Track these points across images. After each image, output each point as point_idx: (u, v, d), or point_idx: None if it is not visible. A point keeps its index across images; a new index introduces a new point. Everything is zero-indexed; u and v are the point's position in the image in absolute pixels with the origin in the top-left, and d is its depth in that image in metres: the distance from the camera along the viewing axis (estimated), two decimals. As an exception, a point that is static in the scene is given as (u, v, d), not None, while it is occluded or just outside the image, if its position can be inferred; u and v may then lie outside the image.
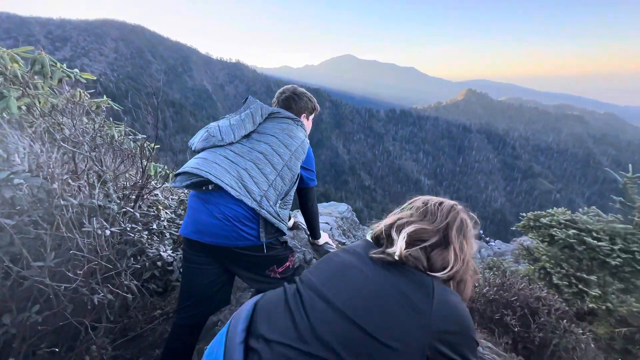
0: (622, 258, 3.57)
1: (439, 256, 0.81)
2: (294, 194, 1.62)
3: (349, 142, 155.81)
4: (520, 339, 2.67)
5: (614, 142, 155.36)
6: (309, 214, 1.88)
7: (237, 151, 1.47)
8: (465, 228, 0.87)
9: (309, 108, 1.86)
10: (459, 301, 0.78)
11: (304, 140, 1.64)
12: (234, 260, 1.43)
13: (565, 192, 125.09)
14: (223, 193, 1.34)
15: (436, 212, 0.87)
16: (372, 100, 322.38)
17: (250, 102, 1.68)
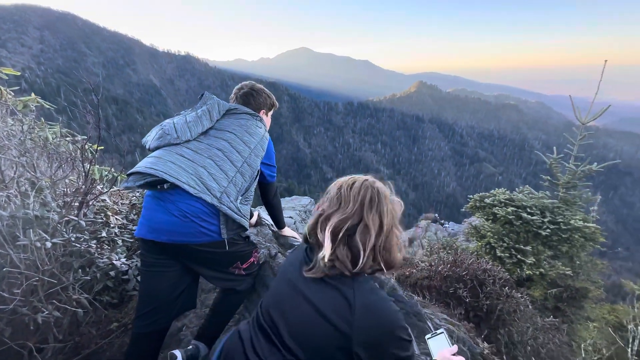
0: (551, 229, 4.11)
1: (360, 239, 0.85)
2: (255, 189, 1.62)
3: (310, 135, 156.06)
4: (471, 308, 2.96)
5: (543, 127, 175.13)
6: (271, 206, 1.89)
7: (194, 149, 1.43)
8: (376, 200, 0.89)
9: (268, 104, 1.84)
10: (381, 301, 0.83)
11: (263, 136, 1.62)
12: (195, 259, 1.39)
13: (506, 174, 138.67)
14: (180, 190, 1.30)
15: (348, 195, 0.89)
16: (330, 93, 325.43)
17: (207, 98, 1.63)
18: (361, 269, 0.85)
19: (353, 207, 0.87)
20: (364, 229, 0.86)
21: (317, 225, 0.89)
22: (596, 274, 4.71)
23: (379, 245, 0.87)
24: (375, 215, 0.88)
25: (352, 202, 0.88)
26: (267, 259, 1.92)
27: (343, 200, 0.89)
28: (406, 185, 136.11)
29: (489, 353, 2.17)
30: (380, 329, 0.79)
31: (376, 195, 0.90)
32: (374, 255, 0.87)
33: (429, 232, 20.28)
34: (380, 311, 0.81)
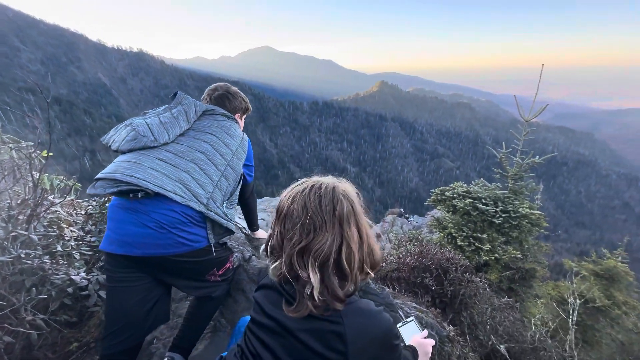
0: (503, 217, 4.51)
1: (346, 260, 0.76)
2: None
3: (276, 135, 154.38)
4: (437, 295, 3.16)
5: (493, 124, 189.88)
6: (246, 206, 1.87)
7: (175, 152, 1.34)
8: (352, 211, 0.79)
9: (243, 108, 1.81)
10: (371, 319, 0.77)
11: (243, 138, 1.60)
12: (170, 270, 1.32)
13: (463, 168, 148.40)
14: (154, 199, 1.22)
15: (322, 216, 0.76)
16: (294, 92, 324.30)
17: (182, 97, 1.54)
18: (353, 290, 0.78)
19: (332, 230, 0.76)
20: (347, 249, 0.76)
21: (292, 264, 0.76)
22: (542, 255, 5.26)
23: (364, 257, 0.80)
24: (354, 228, 0.78)
25: (330, 224, 0.76)
26: (241, 262, 1.90)
27: (317, 224, 0.76)
28: (372, 182, 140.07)
29: (454, 335, 2.35)
30: (375, 346, 0.77)
31: (351, 205, 0.80)
32: (361, 267, 0.80)
33: (395, 226, 21.10)
34: (372, 331, 0.76)
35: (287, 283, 0.78)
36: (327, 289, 0.74)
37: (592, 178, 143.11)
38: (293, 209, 0.78)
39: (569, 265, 6.47)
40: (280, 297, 0.80)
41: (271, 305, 0.82)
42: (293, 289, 0.77)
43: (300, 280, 0.75)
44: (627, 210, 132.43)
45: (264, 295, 0.86)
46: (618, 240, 6.19)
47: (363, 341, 0.75)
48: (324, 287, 0.74)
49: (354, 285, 0.78)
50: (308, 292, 0.73)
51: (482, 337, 3.08)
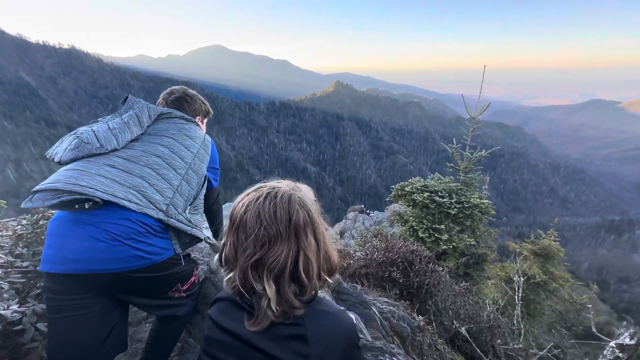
0: (457, 208, 4.85)
1: (303, 269, 0.75)
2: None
3: (232, 137, 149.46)
4: (404, 288, 3.29)
5: (440, 121, 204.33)
6: (212, 214, 1.75)
7: (126, 157, 1.21)
8: (309, 220, 0.77)
9: (204, 111, 1.70)
10: (332, 319, 0.78)
11: (204, 139, 1.49)
12: (127, 288, 1.17)
13: (416, 164, 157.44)
14: (104, 209, 1.10)
15: (277, 227, 0.73)
16: (249, 93, 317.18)
17: (133, 101, 1.40)
18: (313, 296, 0.77)
19: (288, 242, 0.74)
20: (304, 258, 0.75)
21: (247, 277, 0.74)
22: (491, 240, 5.78)
23: (321, 264, 0.79)
24: (311, 238, 0.76)
25: (285, 235, 0.73)
26: (207, 275, 1.77)
27: (272, 236, 0.73)
28: (333, 180, 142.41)
29: (424, 324, 2.45)
30: (339, 347, 0.76)
31: (308, 214, 0.77)
32: (319, 274, 0.78)
33: (357, 222, 21.64)
34: (335, 331, 0.77)
35: (243, 295, 0.76)
36: (283, 300, 0.73)
37: (524, 168, 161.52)
38: (246, 219, 0.75)
39: (512, 247, 7.19)
40: (237, 309, 0.78)
41: (227, 319, 0.78)
42: (251, 300, 0.75)
43: (257, 293, 0.74)
44: (553, 194, 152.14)
45: (219, 309, 0.83)
46: (548, 221, 7.00)
47: (326, 342, 0.74)
48: (280, 298, 0.73)
49: (313, 292, 0.77)
50: (265, 304, 0.72)
51: (447, 323, 3.27)
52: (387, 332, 1.95)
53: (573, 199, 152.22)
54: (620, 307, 39.41)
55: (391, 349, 1.27)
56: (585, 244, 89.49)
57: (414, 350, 2.15)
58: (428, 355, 2.12)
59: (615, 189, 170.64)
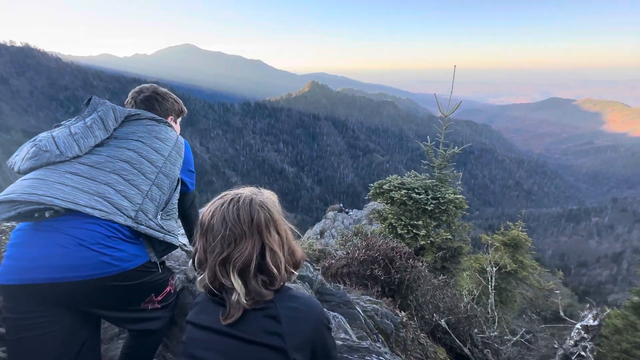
0: (433, 204, 4.99)
1: (271, 262, 0.83)
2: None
3: (207, 139, 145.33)
4: (386, 284, 3.34)
5: (414, 120, 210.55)
6: (187, 220, 1.65)
7: (90, 164, 1.15)
8: (270, 218, 0.85)
9: (176, 110, 1.61)
10: (303, 301, 0.86)
11: (177, 141, 1.40)
12: (95, 300, 1.08)
13: (392, 162, 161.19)
14: (68, 217, 1.04)
15: (241, 228, 0.82)
16: (223, 93, 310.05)
17: (97, 103, 1.30)
18: (280, 285, 0.85)
19: (252, 239, 0.82)
20: (270, 252, 0.83)
21: (215, 274, 0.81)
22: (465, 234, 6.01)
23: (287, 256, 0.87)
24: (274, 233, 0.85)
25: (249, 233, 0.82)
26: (184, 284, 1.68)
27: (237, 235, 0.81)
28: (311, 180, 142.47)
29: (406, 320, 2.49)
30: (309, 327, 0.82)
31: (268, 213, 0.85)
32: (285, 267, 0.86)
33: (336, 221, 21.77)
34: (305, 311, 0.84)
35: (215, 294, 0.83)
36: (252, 292, 0.80)
37: (492, 163, 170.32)
38: (213, 223, 0.83)
39: (484, 239, 7.53)
40: (211, 306, 0.85)
41: (204, 316, 0.86)
42: (222, 296, 0.82)
43: (227, 288, 0.81)
44: (519, 187, 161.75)
45: (195, 311, 0.90)
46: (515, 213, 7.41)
47: (297, 322, 0.81)
48: (248, 290, 0.80)
49: (282, 283, 0.85)
50: (235, 298, 0.79)
51: (427, 316, 3.35)
52: (371, 330, 1.96)
53: (536, 191, 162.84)
54: (580, 289, 42.66)
55: (377, 348, 1.27)
56: (549, 233, 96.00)
57: (398, 346, 2.17)
58: (411, 350, 2.15)
59: (572, 180, 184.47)
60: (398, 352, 2.10)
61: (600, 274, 61.62)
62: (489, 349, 3.59)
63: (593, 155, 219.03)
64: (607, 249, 74.69)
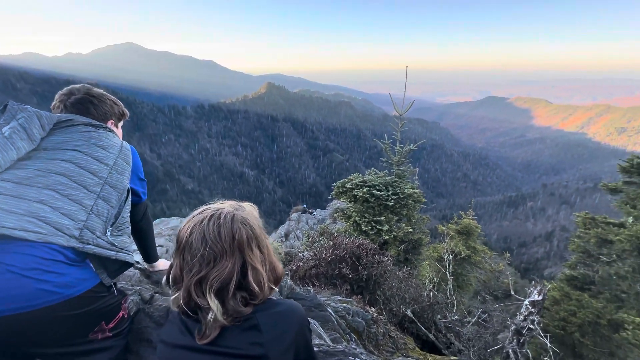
0: (394, 199, 5.19)
1: (253, 279, 0.80)
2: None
3: (157, 145, 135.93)
4: (354, 282, 3.37)
5: (370, 119, 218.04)
6: (140, 233, 1.49)
7: (17, 180, 1.03)
8: (252, 235, 0.83)
9: (117, 113, 1.43)
10: (283, 308, 0.85)
11: (122, 147, 1.26)
12: (32, 337, 0.92)
13: (351, 161, 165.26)
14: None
15: (222, 246, 0.78)
16: (173, 96, 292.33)
17: (16, 109, 1.12)
18: (262, 301, 0.83)
19: (232, 257, 0.79)
20: (252, 269, 0.81)
21: (190, 295, 0.78)
22: (424, 225, 6.35)
23: (268, 273, 0.85)
24: (256, 250, 0.83)
25: (230, 251, 0.79)
26: (140, 305, 1.52)
27: (217, 253, 0.78)
28: (273, 183, 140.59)
29: (377, 315, 2.54)
30: (292, 330, 0.82)
31: (250, 230, 0.83)
32: (266, 283, 0.84)
33: (301, 222, 21.71)
34: (286, 314, 0.83)
35: (189, 315, 0.80)
36: (230, 311, 0.77)
37: (442, 158, 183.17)
38: (192, 241, 0.79)
39: (440, 229, 8.02)
40: (185, 326, 0.81)
41: (177, 334, 0.82)
42: (197, 316, 0.79)
43: (203, 308, 0.77)
44: (466, 179, 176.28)
45: (168, 330, 0.87)
46: (465, 202, 8.03)
47: (279, 327, 0.81)
48: (226, 310, 0.77)
49: (263, 298, 0.83)
50: (211, 317, 0.76)
51: (395, 309, 3.46)
52: (344, 331, 1.95)
53: (481, 181, 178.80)
54: (522, 267, 47.66)
55: (353, 350, 1.26)
56: (493, 219, 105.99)
57: (370, 342, 2.20)
58: (383, 345, 2.19)
59: (510, 170, 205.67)
60: (371, 349, 2.12)
61: (537, 251, 69.54)
62: (452, 332, 3.82)
63: (525, 147, 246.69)
64: (541, 230, 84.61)
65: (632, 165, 4.63)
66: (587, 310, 4.14)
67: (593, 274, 4.80)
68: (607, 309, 4.13)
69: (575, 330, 4.19)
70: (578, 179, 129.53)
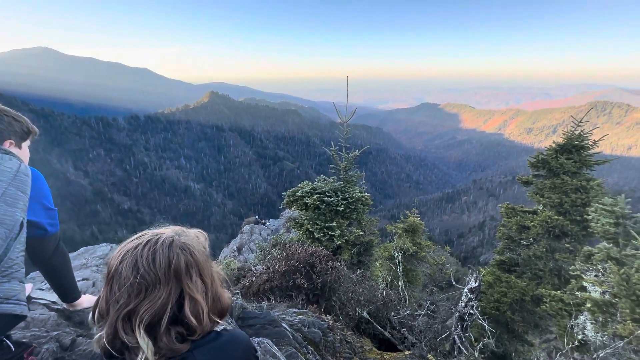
0: (344, 204, 5.31)
1: (191, 312, 0.71)
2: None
3: (83, 161, 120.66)
4: (310, 291, 3.34)
5: (317, 127, 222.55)
6: (52, 271, 1.23)
7: None
8: (193, 262, 0.74)
9: (18, 131, 1.21)
10: (225, 339, 0.76)
11: (17, 172, 1.07)
12: None
13: (302, 168, 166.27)
14: None
15: (155, 274, 0.69)
16: (101, 106, 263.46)
17: None
18: (201, 335, 0.74)
19: (167, 286, 0.70)
20: (190, 300, 0.72)
21: (116, 331, 0.67)
22: (374, 227, 6.62)
23: (210, 304, 0.76)
24: (197, 279, 0.74)
25: (164, 280, 0.70)
26: (58, 354, 1.29)
27: (149, 282, 0.69)
28: (222, 195, 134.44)
29: (332, 323, 2.54)
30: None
31: (191, 256, 0.74)
32: (208, 316, 0.75)
33: (254, 234, 21.05)
34: (228, 349, 0.75)
35: (113, 357, 0.69)
36: (163, 349, 0.68)
37: (387, 161, 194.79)
38: (122, 269, 0.70)
39: (389, 229, 8.47)
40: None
41: None
42: (123, 358, 0.69)
43: (130, 348, 0.67)
44: (409, 179, 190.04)
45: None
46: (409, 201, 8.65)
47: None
48: (158, 348, 0.68)
49: (203, 333, 0.74)
50: (141, 358, 0.66)
51: (351, 312, 3.52)
52: (300, 344, 1.91)
53: (422, 181, 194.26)
54: (462, 256, 52.64)
55: (308, 365, 1.23)
56: (435, 214, 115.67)
57: (328, 351, 2.19)
58: (340, 352, 2.20)
59: (445, 169, 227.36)
60: (328, 358, 2.11)
61: (473, 240, 77.49)
62: (405, 327, 4.00)
63: (456, 148, 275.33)
64: (474, 220, 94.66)
65: (538, 161, 5.44)
66: (514, 289, 4.71)
67: (517, 257, 5.48)
68: (529, 286, 4.75)
69: (507, 309, 4.73)
70: (500, 174, 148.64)
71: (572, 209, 4.60)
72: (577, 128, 5.17)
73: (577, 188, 4.64)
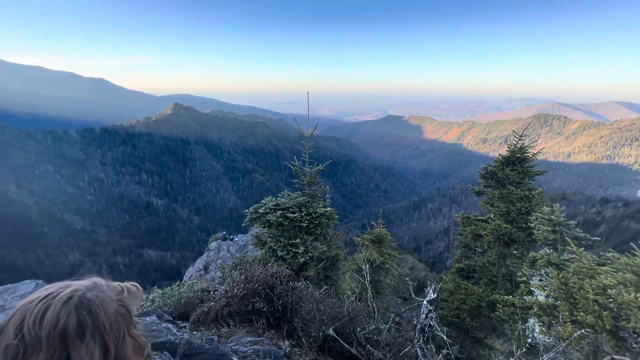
0: (308, 220, 5.27)
1: None
2: None
3: (28, 179, 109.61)
4: (270, 314, 3.23)
5: (287, 138, 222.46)
6: None
7: None
8: (88, 322, 0.62)
9: None
10: None
11: None
12: None
13: (272, 180, 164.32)
14: None
15: (37, 336, 0.58)
16: (50, 119, 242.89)
17: None
18: None
19: (48, 351, 0.58)
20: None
21: None
22: (339, 241, 6.63)
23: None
24: (90, 343, 0.61)
25: (46, 344, 0.58)
26: None
27: (27, 345, 0.58)
28: (188, 211, 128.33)
29: (291, 349, 2.45)
30: None
31: (88, 317, 0.62)
32: None
33: (221, 251, 20.19)
34: None
35: None
36: None
37: (356, 171, 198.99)
38: (8, 326, 0.60)
39: (357, 241, 8.55)
40: None
41: None
42: None
43: None
44: (378, 189, 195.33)
45: None
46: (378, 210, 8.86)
47: None
48: None
49: None
50: None
51: (314, 333, 3.44)
52: (252, 378, 1.80)
53: (390, 190, 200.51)
54: (430, 261, 54.59)
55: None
56: (404, 222, 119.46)
57: (285, 381, 2.09)
58: (298, 380, 2.11)
59: (411, 178, 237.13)
60: (285, 388, 2.01)
61: (440, 246, 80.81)
62: (370, 342, 3.98)
63: (420, 158, 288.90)
64: (440, 227, 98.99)
65: (487, 172, 5.84)
66: (472, 297, 4.92)
67: (474, 264, 5.76)
68: (485, 292, 4.99)
69: (466, 316, 4.91)
70: (461, 181, 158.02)
71: (518, 217, 4.97)
72: (518, 142, 5.65)
73: (522, 197, 5.03)
